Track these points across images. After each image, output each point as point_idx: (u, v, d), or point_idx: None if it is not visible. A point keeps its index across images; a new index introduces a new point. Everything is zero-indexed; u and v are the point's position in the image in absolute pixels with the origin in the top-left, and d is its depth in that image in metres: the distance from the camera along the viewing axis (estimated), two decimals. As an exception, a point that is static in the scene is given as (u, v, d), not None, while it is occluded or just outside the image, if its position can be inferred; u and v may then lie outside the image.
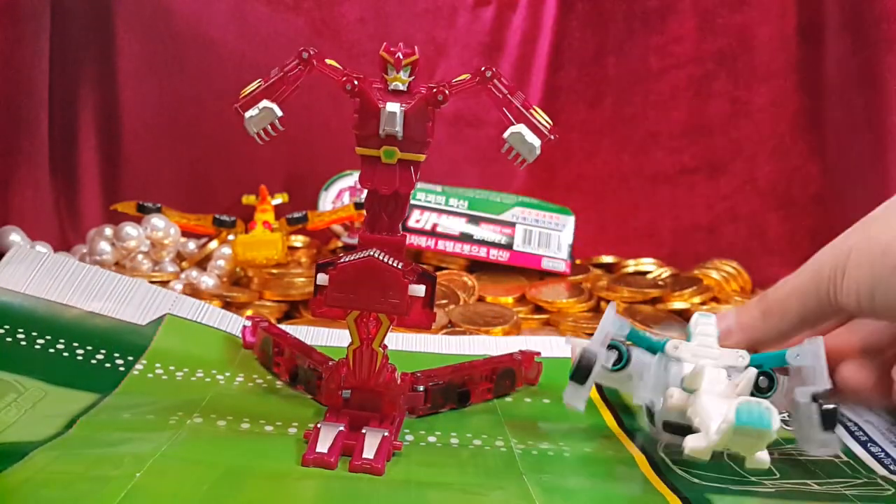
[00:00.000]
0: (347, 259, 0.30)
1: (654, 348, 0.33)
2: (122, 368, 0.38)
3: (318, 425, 0.31)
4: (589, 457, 0.33)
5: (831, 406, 0.31)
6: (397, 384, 0.33)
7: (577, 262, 0.64)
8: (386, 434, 0.31)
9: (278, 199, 0.62)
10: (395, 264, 0.30)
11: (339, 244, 0.63)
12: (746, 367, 0.32)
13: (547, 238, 0.61)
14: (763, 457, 0.27)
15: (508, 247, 0.60)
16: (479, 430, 0.34)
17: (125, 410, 0.33)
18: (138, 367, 0.38)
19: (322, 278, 0.30)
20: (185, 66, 0.67)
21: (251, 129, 0.33)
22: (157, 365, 0.39)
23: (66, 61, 0.63)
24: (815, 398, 0.31)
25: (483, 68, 0.30)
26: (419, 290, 0.30)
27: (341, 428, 0.31)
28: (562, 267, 0.60)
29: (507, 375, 0.39)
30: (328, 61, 0.32)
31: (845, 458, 0.34)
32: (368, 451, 0.30)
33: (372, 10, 0.68)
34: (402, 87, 0.30)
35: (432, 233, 0.60)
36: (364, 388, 0.32)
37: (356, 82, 0.30)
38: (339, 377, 0.32)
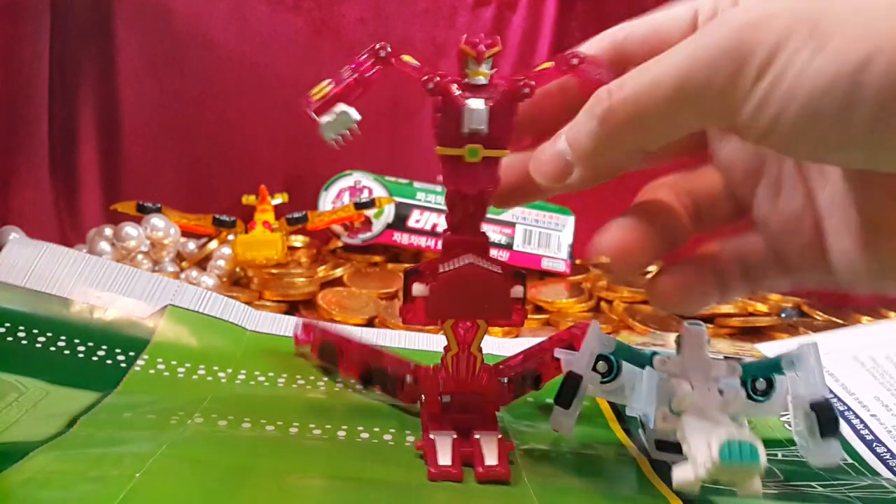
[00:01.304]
0: (445, 268, 0.29)
1: (642, 363, 0.32)
2: (123, 365, 0.38)
3: (431, 436, 0.31)
4: (590, 457, 0.33)
5: (831, 414, 0.29)
6: (498, 384, 0.32)
7: (577, 262, 0.64)
8: (500, 436, 0.31)
9: (278, 199, 0.62)
10: (495, 269, 0.29)
11: (339, 244, 0.62)
12: (740, 377, 0.30)
13: (547, 238, 0.61)
14: (755, 486, 0.26)
15: (508, 247, 0.60)
16: None
17: (126, 410, 0.33)
18: (140, 362, 0.38)
19: (420, 289, 0.29)
20: (185, 66, 0.66)
21: (328, 134, 0.31)
22: (159, 360, 0.39)
23: (66, 61, 0.63)
24: (812, 407, 0.30)
25: (569, 54, 0.29)
26: (518, 291, 0.30)
27: (454, 436, 0.31)
28: (562, 267, 0.60)
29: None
30: (405, 58, 0.30)
31: (850, 460, 0.34)
32: (490, 458, 0.30)
33: (372, 10, 0.68)
34: (483, 81, 0.28)
35: (432, 233, 0.60)
36: (465, 392, 0.32)
37: (438, 79, 0.28)
38: (437, 384, 0.32)
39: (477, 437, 0.31)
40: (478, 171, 0.29)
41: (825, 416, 0.29)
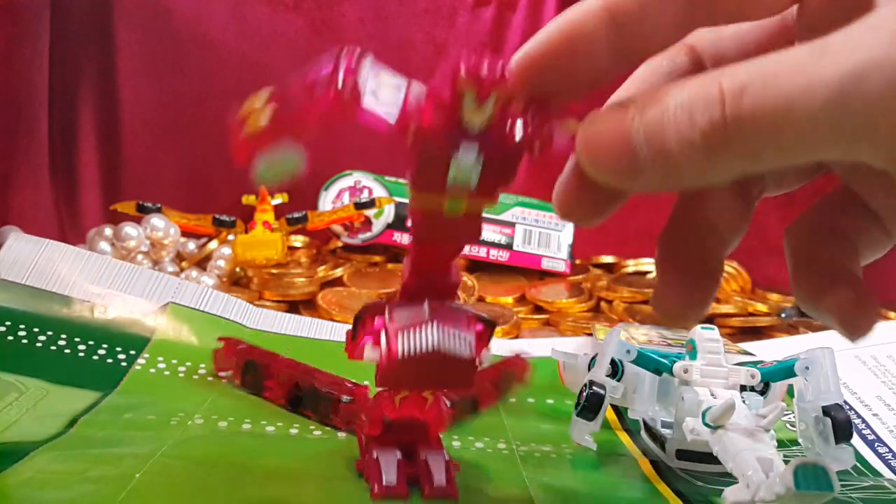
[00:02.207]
0: (404, 345, 0.25)
1: (661, 369, 0.32)
2: (123, 364, 0.38)
3: (375, 454, 0.29)
4: (591, 458, 0.33)
5: (846, 420, 0.29)
6: (444, 410, 0.30)
7: (577, 262, 0.64)
8: (447, 458, 0.29)
9: (278, 199, 0.62)
10: (462, 353, 0.25)
11: (339, 244, 0.62)
12: (760, 383, 0.30)
13: (547, 238, 0.61)
14: None
15: (508, 247, 0.60)
16: (481, 433, 0.34)
17: (126, 410, 0.33)
18: (140, 361, 0.38)
19: (371, 355, 0.26)
20: (185, 65, 0.66)
21: (264, 179, 0.23)
22: (160, 359, 0.39)
23: (66, 61, 0.63)
24: (826, 412, 0.30)
25: None
26: (487, 357, 0.27)
27: (399, 455, 0.29)
28: (562, 267, 0.60)
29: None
30: (368, 104, 0.23)
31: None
32: (439, 477, 0.28)
33: (372, 10, 0.68)
34: (480, 125, 0.21)
35: (432, 233, 0.60)
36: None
37: (417, 129, 0.22)
38: (380, 412, 0.29)
39: (423, 457, 0.29)
40: (458, 224, 0.24)
41: (840, 422, 0.29)
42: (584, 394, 0.31)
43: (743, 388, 0.31)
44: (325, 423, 0.34)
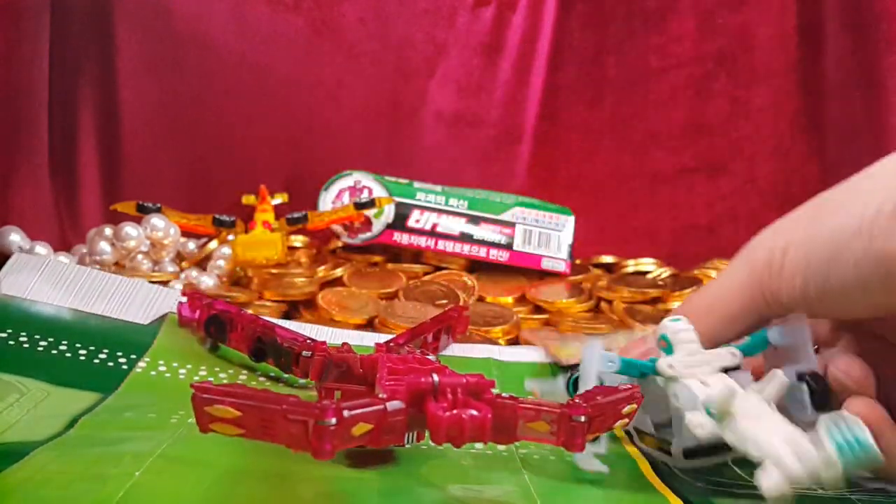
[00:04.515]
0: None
1: (646, 372, 0.31)
2: (124, 367, 0.38)
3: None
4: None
5: (820, 383, 0.29)
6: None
7: (577, 262, 0.64)
8: None
9: (278, 199, 0.62)
10: None
11: (339, 244, 0.62)
12: (740, 362, 0.30)
13: (547, 238, 0.61)
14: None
15: (508, 247, 0.60)
16: None
17: (126, 410, 0.33)
18: (141, 364, 0.38)
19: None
20: (185, 66, 0.67)
21: None
22: (161, 362, 0.39)
23: (66, 61, 0.63)
24: (800, 377, 0.29)
25: None
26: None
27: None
28: (562, 267, 0.60)
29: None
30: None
31: None
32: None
33: (372, 11, 0.68)
34: None
35: (432, 233, 0.60)
36: None
37: None
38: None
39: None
40: None
41: (818, 387, 0.29)
42: None
43: (726, 370, 0.30)
44: (286, 373, 0.37)
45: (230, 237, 0.58)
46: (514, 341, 0.50)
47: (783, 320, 0.31)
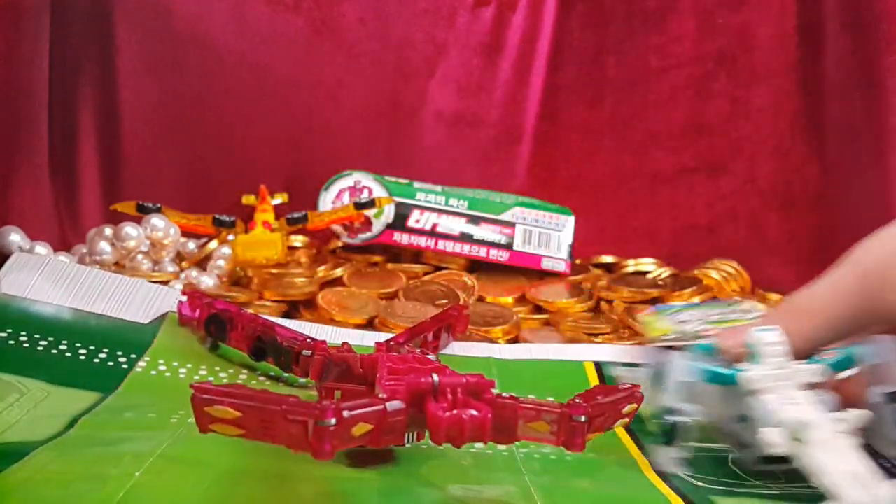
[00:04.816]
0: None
1: (728, 382, 0.31)
2: (124, 366, 0.38)
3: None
4: (591, 459, 0.33)
5: None
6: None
7: (577, 262, 0.64)
8: None
9: (278, 199, 0.62)
10: None
11: (339, 244, 0.62)
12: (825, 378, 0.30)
13: (547, 238, 0.61)
14: None
15: (508, 247, 0.60)
16: None
17: (127, 409, 0.33)
18: (141, 364, 0.38)
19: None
20: (185, 66, 0.66)
21: None
22: (161, 361, 0.39)
23: (66, 61, 0.63)
24: (892, 397, 0.29)
25: None
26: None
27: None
28: (562, 267, 0.60)
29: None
30: None
31: None
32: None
33: (372, 11, 0.68)
34: None
35: (432, 233, 0.60)
36: None
37: None
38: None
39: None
40: None
41: None
42: (661, 422, 0.31)
43: (812, 386, 0.30)
44: (286, 372, 0.37)
45: (230, 237, 0.58)
46: (514, 341, 0.50)
47: (871, 339, 0.31)
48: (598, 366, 0.43)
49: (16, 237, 0.52)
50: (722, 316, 0.46)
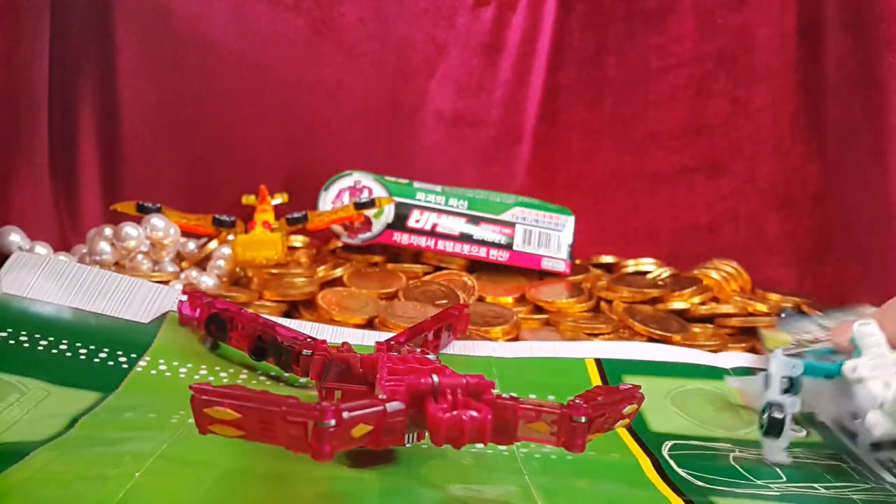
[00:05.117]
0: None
1: (832, 374, 0.33)
2: (125, 366, 0.38)
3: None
4: (592, 459, 0.33)
5: None
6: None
7: (577, 262, 0.64)
8: None
9: (278, 199, 0.62)
10: None
11: (339, 244, 0.62)
12: None
13: (547, 238, 0.61)
14: None
15: (508, 247, 0.60)
16: None
17: (127, 409, 0.33)
18: (141, 363, 0.38)
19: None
20: (185, 65, 0.66)
21: None
22: (161, 361, 0.39)
23: (66, 61, 0.63)
24: None
25: None
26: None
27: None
28: (562, 267, 0.60)
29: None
30: None
31: (853, 464, 0.34)
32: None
33: (372, 11, 0.68)
34: None
35: (432, 233, 0.60)
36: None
37: None
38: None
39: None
40: None
41: None
42: (765, 416, 0.33)
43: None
44: (286, 372, 0.37)
45: (230, 237, 0.58)
46: (514, 341, 0.50)
47: None
48: (599, 363, 0.43)
49: (16, 237, 0.52)
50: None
